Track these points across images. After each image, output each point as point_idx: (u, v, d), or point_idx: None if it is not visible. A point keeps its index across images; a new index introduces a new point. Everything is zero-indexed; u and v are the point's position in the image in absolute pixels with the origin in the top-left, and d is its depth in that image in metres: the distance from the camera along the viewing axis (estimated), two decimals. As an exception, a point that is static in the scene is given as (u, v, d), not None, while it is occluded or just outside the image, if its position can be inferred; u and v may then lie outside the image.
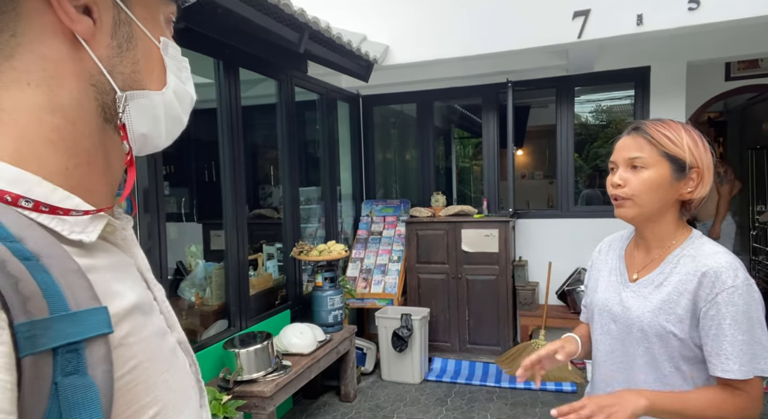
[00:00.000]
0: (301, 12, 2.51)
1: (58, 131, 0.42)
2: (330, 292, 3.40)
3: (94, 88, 0.44)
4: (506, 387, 3.64)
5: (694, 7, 2.85)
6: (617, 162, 1.11)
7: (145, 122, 0.48)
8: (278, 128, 3.51)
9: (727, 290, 0.98)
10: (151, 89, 0.48)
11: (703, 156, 1.06)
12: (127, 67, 0.46)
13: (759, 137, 6.20)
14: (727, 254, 1.03)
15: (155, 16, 0.49)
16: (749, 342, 0.97)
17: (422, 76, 4.22)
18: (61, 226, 0.40)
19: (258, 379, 2.54)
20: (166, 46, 0.49)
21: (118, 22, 0.45)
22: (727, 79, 4.50)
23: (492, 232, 4.02)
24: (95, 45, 0.43)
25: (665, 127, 1.08)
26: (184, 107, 0.52)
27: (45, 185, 0.40)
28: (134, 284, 0.46)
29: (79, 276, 0.38)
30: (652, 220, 1.09)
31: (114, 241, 0.47)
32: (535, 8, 3.21)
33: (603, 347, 1.17)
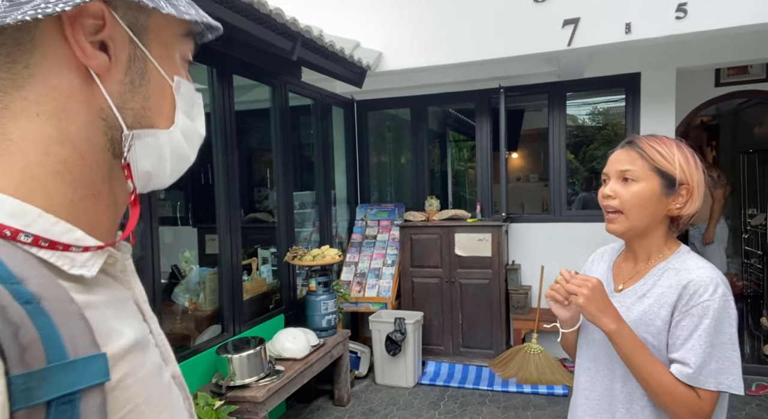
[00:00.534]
0: (293, 21, 2.54)
1: (66, 163, 0.42)
2: (324, 296, 3.43)
3: (104, 122, 0.44)
4: (499, 390, 3.67)
5: (682, 16, 2.89)
6: (609, 174, 1.14)
7: (150, 160, 0.48)
8: (272, 133, 3.54)
9: (702, 303, 1.00)
10: (159, 127, 0.48)
11: (693, 174, 1.08)
12: (138, 103, 0.46)
13: (751, 141, 6.26)
14: (711, 269, 1.05)
15: (171, 54, 0.49)
16: (717, 356, 0.99)
17: (416, 81, 4.26)
18: (62, 261, 0.40)
19: (250, 384, 2.56)
20: (179, 84, 0.49)
21: (133, 58, 0.45)
22: (717, 84, 4.56)
23: (485, 236, 4.05)
24: (108, 80, 0.44)
25: (658, 142, 1.10)
26: (192, 145, 0.52)
27: (46, 217, 0.40)
28: (132, 318, 0.46)
29: (79, 319, 0.37)
30: (642, 235, 1.12)
31: (113, 273, 0.47)
32: (525, 16, 3.25)
33: (586, 355, 1.20)
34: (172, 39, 0.48)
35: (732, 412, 3.22)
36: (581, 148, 7.79)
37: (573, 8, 3.10)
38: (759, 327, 4.77)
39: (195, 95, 0.52)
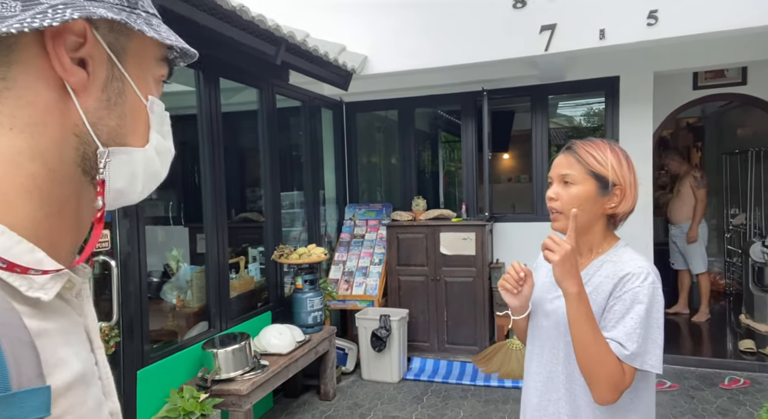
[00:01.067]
0: (276, 27, 2.63)
1: (35, 178, 0.42)
2: (310, 294, 3.52)
3: (77, 138, 0.44)
4: (481, 385, 3.77)
5: (653, 23, 3.00)
6: (552, 177, 1.25)
7: (123, 177, 0.48)
8: (260, 135, 3.63)
9: (634, 289, 1.12)
10: (133, 145, 0.48)
11: (626, 175, 1.20)
12: (113, 121, 0.46)
13: (734, 143, 6.39)
14: (643, 261, 1.17)
15: (147, 75, 0.50)
16: (644, 336, 1.10)
17: (402, 84, 4.35)
18: (19, 281, 0.40)
19: (235, 378, 2.65)
20: (152, 104, 0.50)
21: (111, 77, 0.46)
22: (695, 88, 4.67)
23: (469, 235, 4.15)
24: (85, 97, 0.44)
25: (593, 147, 1.22)
26: (164, 162, 0.53)
27: (9, 235, 0.40)
28: (80, 348, 0.45)
29: (29, 349, 0.37)
30: (582, 231, 1.22)
31: (68, 298, 0.46)
32: (505, 22, 3.35)
33: (536, 341, 1.30)
34: (149, 61, 0.50)
35: (704, 404, 3.33)
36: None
37: (550, 14, 3.21)
38: (740, 324, 4.88)
39: (165, 114, 0.53)
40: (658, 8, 2.96)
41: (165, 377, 2.58)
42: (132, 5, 0.46)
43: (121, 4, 0.45)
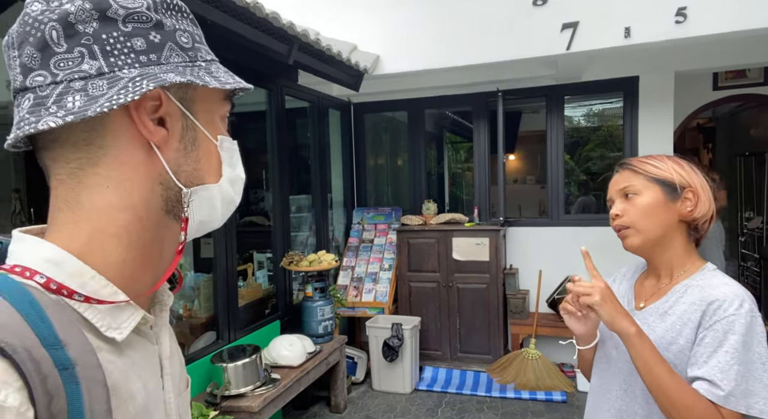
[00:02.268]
0: (290, 25, 2.50)
1: (126, 227, 0.48)
2: (320, 302, 3.39)
3: (161, 186, 0.50)
4: (497, 396, 3.65)
5: (681, 21, 2.88)
6: (612, 197, 1.14)
7: (204, 210, 0.54)
8: (268, 136, 3.50)
9: (727, 317, 0.95)
10: (209, 182, 0.54)
11: (692, 176, 1.08)
12: (190, 165, 0.52)
13: (747, 144, 6.27)
14: (737, 285, 1.01)
15: (214, 118, 0.55)
16: (745, 374, 0.93)
17: (413, 84, 4.23)
18: (101, 321, 0.46)
19: (246, 394, 2.52)
20: (222, 142, 0.55)
21: (185, 128, 0.51)
22: (715, 88, 4.55)
23: (483, 241, 4.02)
24: (166, 150, 0.50)
25: (649, 157, 1.13)
26: (237, 189, 0.58)
27: (98, 279, 0.46)
28: (150, 378, 0.51)
29: (102, 386, 0.43)
30: (660, 245, 1.08)
31: (144, 330, 0.52)
32: (524, 20, 3.23)
33: (603, 373, 1.16)
34: (214, 104, 0.55)
35: None
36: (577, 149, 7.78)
37: (572, 12, 3.08)
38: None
39: (233, 145, 0.58)
40: (687, 5, 2.84)
41: (172, 393, 2.45)
42: (192, 59, 0.51)
43: (185, 62, 0.50)
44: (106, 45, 0.46)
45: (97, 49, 0.46)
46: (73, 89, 0.45)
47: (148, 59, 0.47)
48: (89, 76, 0.45)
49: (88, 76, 0.45)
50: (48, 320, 0.41)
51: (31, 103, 0.45)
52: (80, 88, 0.45)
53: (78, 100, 0.44)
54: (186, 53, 0.51)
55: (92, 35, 0.45)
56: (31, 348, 0.39)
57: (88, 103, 0.44)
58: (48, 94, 0.45)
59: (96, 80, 0.45)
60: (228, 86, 0.52)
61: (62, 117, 0.43)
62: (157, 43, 0.48)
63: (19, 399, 0.37)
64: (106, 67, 0.46)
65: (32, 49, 0.45)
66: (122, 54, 0.46)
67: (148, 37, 0.48)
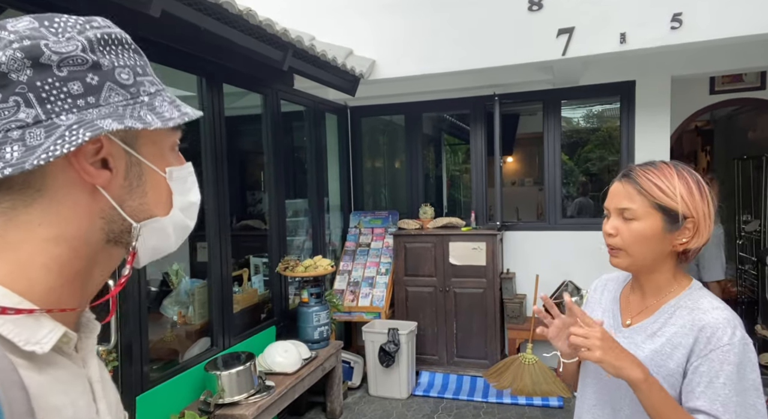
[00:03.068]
0: (283, 32, 2.50)
1: (58, 258, 0.48)
2: (316, 308, 3.38)
3: (103, 220, 0.49)
4: (493, 402, 3.64)
5: (677, 26, 2.87)
6: (609, 209, 1.08)
7: (156, 238, 0.54)
8: (264, 140, 3.49)
9: (722, 347, 0.94)
10: (158, 215, 0.53)
11: (699, 205, 1.01)
12: (135, 201, 0.51)
13: (745, 147, 6.27)
14: (726, 310, 1.00)
15: (161, 149, 0.54)
16: (743, 404, 0.93)
17: (410, 89, 4.22)
18: (18, 337, 0.44)
19: (240, 402, 2.51)
20: (170, 174, 0.55)
21: (129, 164, 0.51)
22: (712, 92, 4.55)
23: (479, 245, 4.02)
24: (110, 188, 0.49)
25: (656, 174, 1.03)
26: (190, 215, 0.58)
27: (11, 296, 0.45)
28: (78, 397, 0.49)
29: (20, 388, 0.41)
30: (648, 270, 1.06)
31: (68, 352, 0.50)
32: (520, 25, 3.22)
33: (590, 390, 1.14)
34: (160, 136, 0.54)
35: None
36: (576, 149, 7.78)
37: (567, 18, 3.08)
38: (754, 334, 4.76)
39: (185, 171, 0.57)
40: (683, 11, 2.83)
41: (165, 401, 2.44)
42: (134, 95, 0.50)
43: (125, 100, 0.49)
44: (42, 92, 0.45)
45: (32, 97, 0.45)
46: (11, 139, 0.44)
47: (86, 103, 0.47)
48: (26, 125, 0.45)
49: (25, 125, 0.45)
50: None
51: None
52: (18, 137, 0.45)
53: (16, 151, 0.44)
54: (127, 90, 0.50)
55: (26, 83, 0.45)
56: None
57: (25, 155, 0.44)
58: None
59: (33, 129, 0.45)
60: (171, 123, 0.51)
61: (0, 169, 0.43)
62: (95, 84, 0.48)
63: None
64: (43, 115, 0.45)
65: None
66: (59, 100, 0.46)
67: (84, 79, 0.47)
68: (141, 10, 1.73)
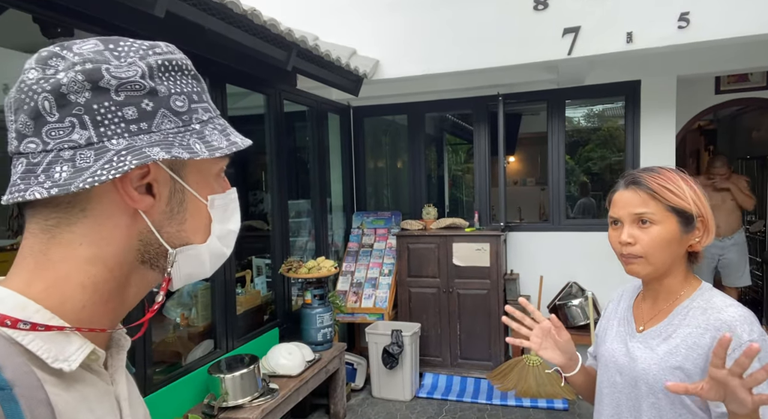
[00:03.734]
0: (288, 32, 2.47)
1: (93, 278, 0.48)
2: (319, 310, 3.36)
3: (140, 242, 0.50)
4: (498, 404, 3.61)
5: (684, 26, 2.84)
6: (621, 218, 1.06)
7: (191, 265, 0.54)
8: (267, 140, 3.47)
9: (743, 345, 0.94)
10: (195, 243, 0.53)
11: (706, 205, 1.04)
12: (173, 227, 0.51)
13: (748, 147, 6.24)
14: (739, 306, 1.00)
15: (207, 177, 0.54)
16: None
17: (413, 89, 4.19)
18: (47, 353, 0.45)
19: (244, 405, 2.49)
20: (212, 202, 0.55)
21: (173, 191, 0.51)
22: (717, 92, 4.52)
23: (483, 246, 3.99)
24: (151, 213, 0.50)
25: (664, 179, 1.05)
26: (227, 243, 0.58)
27: (43, 313, 0.46)
28: (105, 414, 0.49)
29: (45, 406, 0.42)
30: (664, 275, 1.07)
31: (97, 369, 0.51)
32: (525, 25, 3.19)
33: (608, 401, 1.13)
34: (207, 163, 0.54)
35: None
36: (577, 149, 7.75)
37: (573, 17, 3.05)
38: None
39: (228, 198, 0.57)
40: (690, 10, 2.80)
41: (168, 405, 2.41)
42: (186, 123, 0.50)
43: (177, 127, 0.50)
44: (97, 115, 0.46)
45: (87, 120, 0.46)
46: (62, 159, 0.46)
47: (138, 128, 0.48)
48: (78, 146, 0.46)
49: (77, 146, 0.46)
50: None
51: (23, 168, 0.47)
52: (69, 158, 0.46)
53: (65, 171, 0.45)
54: (179, 118, 0.50)
55: (83, 105, 0.46)
56: None
57: (73, 176, 0.45)
58: (39, 162, 0.46)
59: (84, 150, 0.46)
60: (218, 153, 0.51)
61: (48, 189, 0.45)
62: (149, 110, 0.48)
63: None
64: (95, 137, 0.46)
65: (26, 117, 0.47)
66: (112, 124, 0.47)
67: (140, 105, 0.48)
68: (145, 10, 1.71)
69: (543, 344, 1.14)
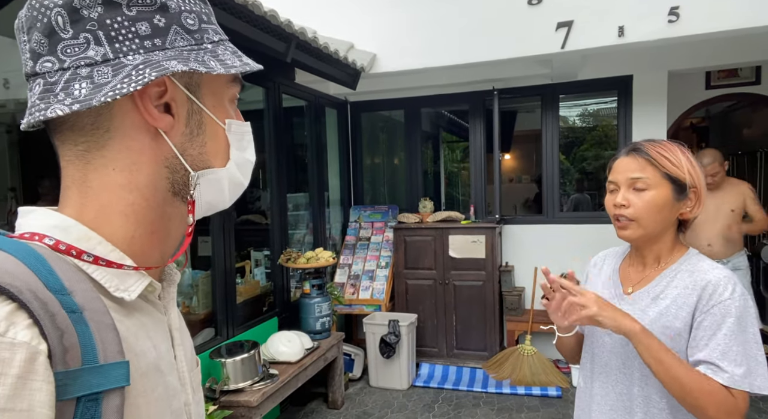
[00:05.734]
0: (287, 23, 2.53)
1: (132, 205, 0.50)
2: (318, 299, 3.41)
3: (167, 169, 0.51)
4: (493, 392, 3.68)
5: (674, 20, 2.92)
6: (618, 182, 1.12)
7: (212, 192, 0.55)
8: (265, 135, 3.52)
9: (724, 302, 1.00)
10: (215, 166, 0.54)
11: (700, 176, 1.10)
12: (195, 150, 0.52)
13: (740, 143, 6.33)
14: (725, 270, 1.06)
15: (222, 100, 0.55)
16: (744, 354, 0.98)
17: (409, 83, 4.25)
18: (109, 282, 0.47)
19: (245, 389, 2.54)
20: (230, 126, 0.56)
21: (191, 112, 0.52)
22: (708, 87, 4.60)
23: (479, 238, 4.06)
24: (172, 135, 0.51)
25: (664, 148, 1.10)
26: (245, 173, 0.58)
27: (105, 244, 0.48)
28: (160, 342, 0.52)
29: (112, 330, 0.43)
30: (653, 240, 1.12)
31: (153, 300, 0.53)
32: (519, 19, 3.26)
33: (598, 360, 1.18)
34: (221, 87, 0.55)
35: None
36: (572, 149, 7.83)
37: (566, 11, 3.12)
38: (749, 327, 4.80)
39: (244, 127, 0.58)
40: (680, 4, 2.88)
41: (171, 388, 2.46)
42: (198, 41, 0.51)
43: (190, 45, 0.50)
44: (111, 30, 0.46)
45: (102, 35, 0.46)
46: (80, 76, 0.46)
47: (152, 44, 0.48)
48: (95, 62, 0.46)
49: (94, 63, 0.46)
50: (53, 270, 0.42)
51: (41, 88, 0.46)
52: (86, 75, 0.46)
53: (84, 87, 0.45)
54: (192, 36, 0.50)
55: (97, 21, 0.46)
56: (37, 290, 0.40)
57: (93, 92, 0.45)
58: (56, 81, 0.46)
59: (101, 67, 0.46)
60: (233, 70, 0.52)
61: (69, 105, 0.45)
62: (162, 26, 0.48)
63: (29, 335, 0.38)
64: (111, 54, 0.46)
65: (40, 35, 0.46)
66: (126, 40, 0.47)
67: (152, 20, 0.48)
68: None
69: (557, 309, 1.13)
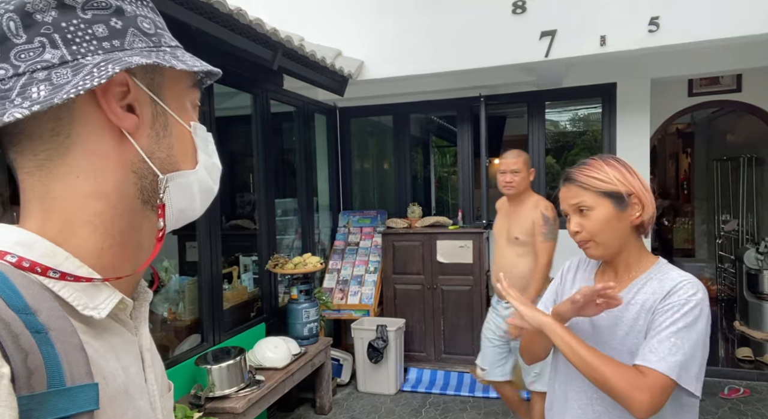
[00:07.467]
0: (273, 31, 2.55)
1: (99, 215, 0.48)
2: (305, 305, 3.42)
3: (135, 174, 0.49)
4: (480, 396, 3.70)
5: (654, 30, 2.98)
6: (567, 211, 1.22)
7: (183, 198, 0.53)
8: (254, 140, 3.53)
9: (680, 300, 1.07)
10: (185, 169, 0.53)
11: (633, 181, 1.16)
12: (163, 152, 0.51)
13: (724, 149, 6.45)
14: (692, 277, 1.12)
15: (184, 104, 0.55)
16: (682, 348, 1.02)
17: (398, 90, 4.29)
18: (77, 300, 0.45)
19: (230, 395, 2.54)
20: (195, 129, 0.55)
21: (155, 114, 0.51)
22: (690, 94, 4.69)
23: (466, 243, 4.09)
24: (138, 137, 0.49)
25: (590, 169, 1.19)
26: (214, 178, 0.58)
27: (72, 261, 0.46)
28: (130, 364, 0.50)
29: (79, 350, 0.42)
30: (618, 251, 1.18)
31: (123, 319, 0.51)
32: (504, 28, 3.31)
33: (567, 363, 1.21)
34: (183, 91, 0.55)
35: (704, 416, 3.30)
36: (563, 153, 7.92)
37: (550, 21, 3.17)
38: (733, 330, 4.89)
39: (207, 135, 0.58)
40: (660, 15, 2.94)
41: (156, 395, 2.46)
42: (156, 44, 0.51)
43: (149, 47, 0.50)
44: (67, 33, 0.45)
45: (58, 38, 0.45)
46: (37, 79, 0.44)
47: (111, 45, 0.47)
48: (52, 65, 0.45)
49: (51, 66, 0.45)
50: (15, 288, 0.40)
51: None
52: (44, 78, 0.44)
53: (43, 89, 0.43)
54: (149, 39, 0.50)
55: (51, 24, 0.45)
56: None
57: (53, 92, 0.43)
58: (11, 87, 0.44)
59: (60, 69, 0.44)
60: (195, 68, 0.52)
61: (28, 107, 0.42)
62: (119, 29, 0.48)
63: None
64: (68, 56, 0.45)
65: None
66: (84, 41, 0.46)
67: (109, 23, 0.47)
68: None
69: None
